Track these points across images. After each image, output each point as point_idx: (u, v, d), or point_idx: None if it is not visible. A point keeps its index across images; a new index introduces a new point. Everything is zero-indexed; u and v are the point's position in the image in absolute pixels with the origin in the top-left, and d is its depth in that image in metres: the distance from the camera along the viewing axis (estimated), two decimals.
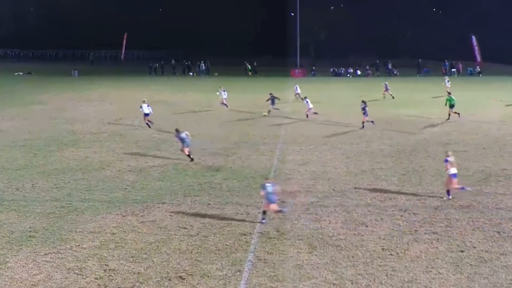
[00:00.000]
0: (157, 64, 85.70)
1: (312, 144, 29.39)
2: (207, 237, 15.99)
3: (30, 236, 16.06)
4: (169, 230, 16.54)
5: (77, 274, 13.57)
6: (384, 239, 15.85)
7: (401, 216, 17.80)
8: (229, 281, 13.21)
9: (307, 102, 38.14)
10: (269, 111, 39.59)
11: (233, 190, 20.73)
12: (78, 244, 15.45)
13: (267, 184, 17.39)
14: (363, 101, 34.84)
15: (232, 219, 17.45)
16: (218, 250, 15.06)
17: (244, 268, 13.90)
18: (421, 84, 63.73)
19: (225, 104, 42.15)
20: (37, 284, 13.09)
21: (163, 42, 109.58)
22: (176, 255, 14.73)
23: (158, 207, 18.66)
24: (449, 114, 36.81)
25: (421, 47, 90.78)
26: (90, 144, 29.21)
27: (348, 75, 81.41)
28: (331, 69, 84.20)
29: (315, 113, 37.87)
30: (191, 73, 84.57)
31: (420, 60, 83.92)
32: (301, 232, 16.36)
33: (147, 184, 21.56)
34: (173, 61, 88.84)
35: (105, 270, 13.79)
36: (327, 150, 27.81)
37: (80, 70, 79.40)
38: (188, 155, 25.18)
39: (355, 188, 20.82)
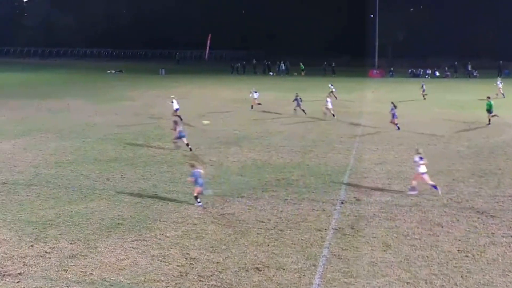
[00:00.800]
0: (239, 64, 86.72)
1: (388, 144, 28.84)
2: (283, 231, 16.03)
3: (118, 224, 16.65)
4: (247, 223, 16.70)
5: (161, 261, 13.95)
6: (460, 240, 15.33)
7: (478, 218, 17.15)
8: (303, 275, 13.19)
9: (327, 101, 37.75)
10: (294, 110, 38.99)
11: (310, 186, 20.66)
12: (162, 233, 15.87)
13: (195, 171, 18.07)
14: (392, 103, 33.53)
15: (308, 215, 17.40)
16: (294, 244, 15.06)
17: (318, 263, 13.83)
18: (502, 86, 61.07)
19: (259, 103, 41.83)
20: (124, 268, 13.56)
21: (245, 43, 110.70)
22: (253, 247, 14.85)
23: (238, 201, 18.88)
24: (489, 120, 34.68)
25: (502, 48, 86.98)
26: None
27: (427, 76, 79.24)
28: (409, 70, 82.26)
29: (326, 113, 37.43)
30: (271, 73, 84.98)
31: (501, 61, 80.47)
32: (375, 230, 16.09)
33: (227, 178, 21.85)
34: (254, 61, 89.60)
35: (186, 259, 14.10)
36: (404, 150, 27.20)
37: (167, 69, 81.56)
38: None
39: (431, 188, 20.25)
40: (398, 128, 32.72)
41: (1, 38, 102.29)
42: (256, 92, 42.80)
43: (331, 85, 48.93)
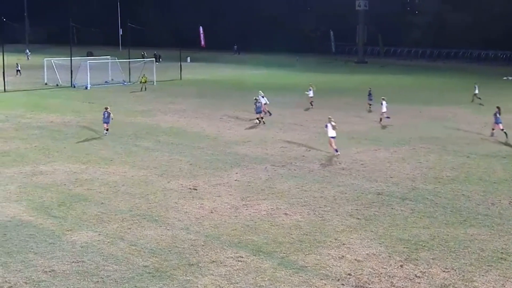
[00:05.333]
0: None
1: None
2: None
3: (500, 258, 16.12)
4: None
5: None
6: None
7: None
8: None
9: (382, 104, 38.23)
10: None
11: None
12: None
13: None
14: (497, 108, 33.78)
15: None
16: None
17: None
18: None
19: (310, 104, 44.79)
20: None
21: None
22: None
23: None
24: None
25: None
26: None
27: None
28: None
29: (388, 117, 38.15)
30: None
31: None
32: None
33: None
34: None
35: None
36: None
37: None
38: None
39: None
40: (492, 135, 33.68)
41: (389, 37, 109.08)
42: (310, 89, 45.37)
43: None
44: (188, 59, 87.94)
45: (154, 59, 69.91)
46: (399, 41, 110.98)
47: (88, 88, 57.30)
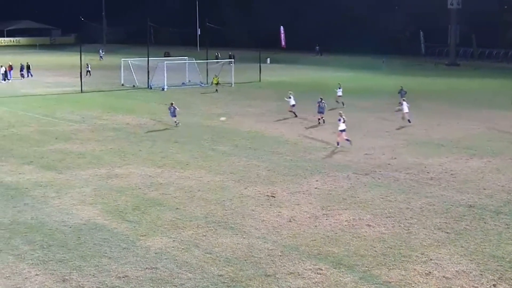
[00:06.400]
0: None
1: None
2: None
3: None
4: None
5: None
6: None
7: None
8: None
9: (402, 104, 39.24)
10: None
11: None
12: None
13: None
14: None
15: None
16: None
17: None
18: None
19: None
20: None
21: None
22: None
23: None
24: None
25: None
26: None
27: None
28: None
29: (409, 120, 38.55)
30: None
31: None
32: None
33: None
34: None
35: None
36: None
37: None
38: None
39: None
40: None
41: (483, 38, 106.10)
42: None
43: None
44: (268, 60, 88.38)
45: (232, 60, 70.60)
46: (494, 42, 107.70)
47: (165, 89, 58.55)
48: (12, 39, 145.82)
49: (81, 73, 58.45)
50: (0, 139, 33.93)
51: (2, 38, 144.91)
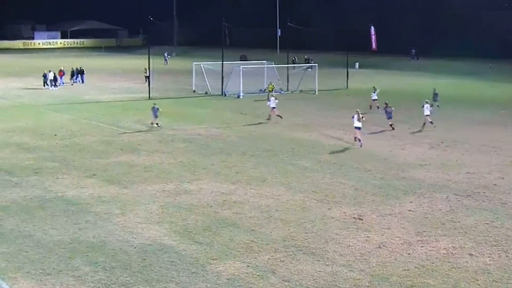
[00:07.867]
0: None
1: None
2: None
3: None
4: None
5: None
6: None
7: None
8: None
9: (424, 107, 40.72)
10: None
11: None
12: None
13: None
14: None
15: None
16: None
17: None
18: None
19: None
20: None
21: None
22: None
23: None
24: None
25: None
26: None
27: None
28: None
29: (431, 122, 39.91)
30: None
31: None
32: None
33: None
34: None
35: None
36: None
37: None
38: None
39: None
40: None
41: None
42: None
43: None
44: (357, 65, 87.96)
45: (316, 64, 70.37)
46: None
47: (241, 96, 59.02)
48: (76, 40, 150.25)
49: (149, 78, 59.67)
50: (61, 150, 34.95)
51: (65, 40, 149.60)
